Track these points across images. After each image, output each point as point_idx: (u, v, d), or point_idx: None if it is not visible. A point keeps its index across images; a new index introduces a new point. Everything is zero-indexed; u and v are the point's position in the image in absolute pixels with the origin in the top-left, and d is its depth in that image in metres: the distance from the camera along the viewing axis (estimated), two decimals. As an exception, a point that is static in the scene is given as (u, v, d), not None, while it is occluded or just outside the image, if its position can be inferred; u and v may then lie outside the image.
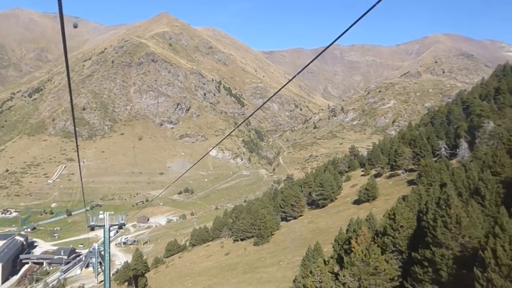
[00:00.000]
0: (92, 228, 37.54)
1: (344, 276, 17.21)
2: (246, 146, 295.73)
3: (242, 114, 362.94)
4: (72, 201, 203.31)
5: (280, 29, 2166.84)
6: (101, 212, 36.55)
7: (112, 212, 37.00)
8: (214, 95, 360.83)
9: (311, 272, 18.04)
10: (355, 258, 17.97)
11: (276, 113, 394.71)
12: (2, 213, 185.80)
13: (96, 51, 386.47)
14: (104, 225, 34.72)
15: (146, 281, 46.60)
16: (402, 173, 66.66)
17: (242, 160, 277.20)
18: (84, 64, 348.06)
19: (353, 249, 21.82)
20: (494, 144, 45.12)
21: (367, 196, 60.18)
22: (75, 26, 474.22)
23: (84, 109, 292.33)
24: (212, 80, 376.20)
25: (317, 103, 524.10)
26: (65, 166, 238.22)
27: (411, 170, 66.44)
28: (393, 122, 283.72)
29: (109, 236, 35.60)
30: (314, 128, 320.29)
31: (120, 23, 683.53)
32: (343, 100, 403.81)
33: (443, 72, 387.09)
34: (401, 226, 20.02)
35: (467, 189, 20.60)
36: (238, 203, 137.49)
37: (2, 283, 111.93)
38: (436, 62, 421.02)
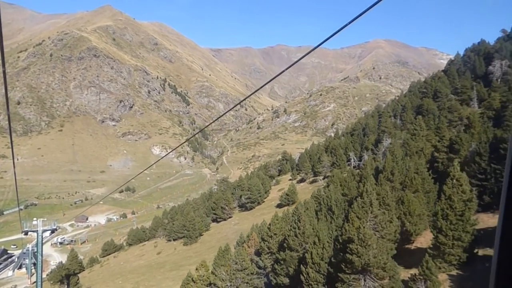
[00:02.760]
0: (26, 233, 41.15)
1: (220, 272, 23.33)
2: (190, 145, 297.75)
3: (187, 113, 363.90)
4: (4, 200, 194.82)
5: (228, 26, 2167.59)
6: (35, 218, 40.02)
7: (45, 218, 40.81)
8: (159, 93, 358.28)
9: (196, 269, 23.91)
10: (229, 258, 24.17)
11: (221, 112, 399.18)
12: None
13: (32, 42, 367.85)
14: (38, 231, 38.56)
15: (78, 279, 50.08)
16: (320, 180, 75.01)
17: (185, 159, 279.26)
18: (19, 56, 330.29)
19: (242, 251, 28.15)
20: (383, 158, 53.84)
21: (287, 200, 67.55)
22: None
23: (19, 103, 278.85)
24: (157, 77, 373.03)
25: (263, 103, 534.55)
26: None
27: (329, 177, 74.92)
28: (332, 125, 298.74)
29: (42, 240, 39.36)
30: (258, 128, 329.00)
31: (59, 12, 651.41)
32: (286, 102, 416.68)
33: (380, 78, 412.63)
34: (275, 234, 26.48)
35: (325, 205, 27.51)
36: (180, 202, 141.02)
37: None
38: (373, 68, 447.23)
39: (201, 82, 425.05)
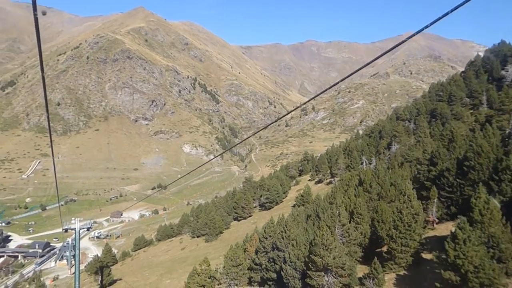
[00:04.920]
0: (66, 230, 48.10)
1: (218, 266, 28.22)
2: (219, 143, 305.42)
3: (217, 111, 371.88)
4: (46, 196, 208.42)
5: (258, 23, 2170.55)
6: (73, 218, 46.46)
7: (82, 218, 47.16)
8: (189, 92, 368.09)
9: (200, 264, 28.93)
10: (227, 256, 29.04)
11: (250, 110, 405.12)
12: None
13: (71, 45, 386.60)
14: (75, 229, 45.06)
15: (110, 271, 56.57)
16: (335, 181, 78.50)
17: (215, 157, 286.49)
18: (58, 59, 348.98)
19: (246, 249, 33.01)
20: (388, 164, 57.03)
21: (302, 201, 71.64)
22: (44, 13, 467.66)
23: (58, 104, 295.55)
24: (188, 77, 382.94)
25: (292, 100, 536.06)
26: (39, 161, 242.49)
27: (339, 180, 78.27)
28: (360, 122, 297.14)
29: (79, 237, 45.83)
30: (286, 126, 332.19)
31: (95, 14, 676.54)
32: (314, 99, 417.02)
33: (411, 73, 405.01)
34: (269, 236, 31.13)
35: (314, 212, 31.76)
36: (209, 199, 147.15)
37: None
38: (404, 63, 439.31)
39: (231, 81, 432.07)
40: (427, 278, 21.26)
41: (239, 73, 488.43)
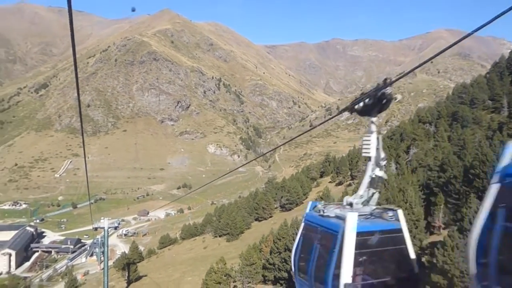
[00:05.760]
0: (96, 229, 51.57)
1: (233, 266, 30.36)
2: (243, 143, 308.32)
3: (241, 111, 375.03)
4: (77, 195, 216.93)
5: (283, 22, 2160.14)
6: (102, 217, 49.84)
7: (110, 217, 50.37)
8: (214, 92, 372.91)
9: (216, 263, 31.16)
10: (241, 255, 31.17)
11: (274, 110, 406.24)
12: (12, 205, 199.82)
13: (100, 47, 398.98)
14: (104, 227, 48.36)
15: (136, 267, 59.89)
16: (354, 184, 79.56)
17: (239, 157, 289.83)
18: (88, 62, 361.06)
19: (261, 250, 35.10)
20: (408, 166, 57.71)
21: (320, 203, 73.19)
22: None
23: (88, 106, 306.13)
24: (212, 77, 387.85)
25: (317, 99, 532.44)
26: (71, 161, 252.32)
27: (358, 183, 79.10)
28: (386, 122, 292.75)
29: (108, 235, 48.99)
30: (310, 126, 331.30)
31: (123, 16, 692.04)
32: (339, 99, 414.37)
33: (438, 72, 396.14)
34: (283, 237, 33.06)
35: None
36: (233, 199, 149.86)
37: (16, 268, 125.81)
38: (431, 62, 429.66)
39: (255, 81, 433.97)
40: (422, 281, 22.66)
41: (264, 73, 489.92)
